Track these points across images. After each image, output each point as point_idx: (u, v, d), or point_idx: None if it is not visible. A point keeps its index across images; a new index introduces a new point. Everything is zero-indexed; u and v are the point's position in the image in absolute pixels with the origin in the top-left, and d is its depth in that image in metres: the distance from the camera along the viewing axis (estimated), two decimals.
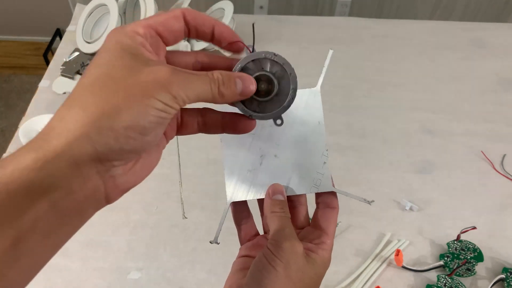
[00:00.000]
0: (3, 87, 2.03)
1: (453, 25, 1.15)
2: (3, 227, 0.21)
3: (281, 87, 0.32)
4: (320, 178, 0.37)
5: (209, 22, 0.30)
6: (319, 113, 0.38)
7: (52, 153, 0.23)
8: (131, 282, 0.64)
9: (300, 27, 1.12)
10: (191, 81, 0.26)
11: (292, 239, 0.33)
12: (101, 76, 0.25)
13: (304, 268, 0.32)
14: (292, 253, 0.32)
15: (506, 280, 0.64)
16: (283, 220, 0.34)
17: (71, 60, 0.97)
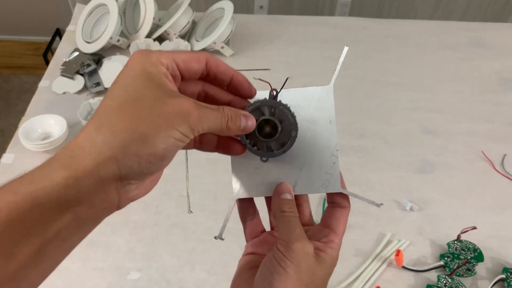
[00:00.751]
0: (3, 87, 2.03)
1: (453, 25, 1.15)
2: (31, 236, 0.23)
3: (281, 135, 0.34)
4: (329, 179, 0.36)
5: (229, 72, 0.32)
6: (331, 112, 0.37)
7: (82, 172, 0.25)
8: (131, 282, 0.64)
9: (300, 27, 1.12)
10: (207, 116, 0.29)
11: (303, 239, 0.33)
12: (129, 101, 0.27)
13: (314, 269, 0.32)
14: (303, 254, 0.32)
15: (506, 280, 0.64)
16: (292, 220, 0.34)
17: (71, 60, 0.97)
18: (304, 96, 0.37)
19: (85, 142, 0.26)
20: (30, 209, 0.23)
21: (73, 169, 0.25)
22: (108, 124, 0.26)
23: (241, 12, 1.47)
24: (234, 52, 1.03)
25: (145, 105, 0.27)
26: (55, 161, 0.25)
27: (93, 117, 0.27)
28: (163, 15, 1.08)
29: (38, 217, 0.24)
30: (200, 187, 0.76)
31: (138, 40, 0.99)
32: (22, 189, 0.24)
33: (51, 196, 0.24)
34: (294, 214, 0.34)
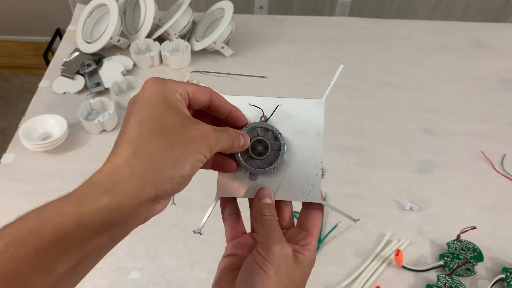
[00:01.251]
0: (3, 87, 2.03)
1: (453, 25, 1.15)
2: (71, 253, 0.26)
3: (271, 154, 0.37)
4: (310, 189, 0.38)
5: (228, 106, 0.36)
6: (320, 125, 0.38)
7: (124, 197, 0.27)
8: (131, 282, 0.64)
9: (300, 27, 1.12)
10: (221, 138, 0.33)
11: (282, 242, 0.34)
12: (158, 129, 0.30)
13: (293, 270, 0.34)
14: (282, 256, 0.33)
15: (506, 280, 0.65)
16: (272, 223, 0.35)
17: (71, 60, 0.97)
18: (296, 106, 0.38)
19: (123, 168, 0.28)
20: (75, 229, 0.26)
21: (116, 194, 0.27)
22: (144, 150, 0.29)
23: (241, 12, 1.47)
24: (234, 52, 1.03)
25: (172, 131, 0.30)
26: (96, 185, 0.28)
27: (124, 141, 0.29)
28: (163, 15, 1.08)
29: (81, 237, 0.26)
30: (200, 187, 0.76)
31: (138, 40, 0.99)
32: (69, 210, 0.26)
33: (95, 219, 0.26)
34: (273, 218, 0.36)
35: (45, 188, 0.75)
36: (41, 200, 0.76)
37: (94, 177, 0.28)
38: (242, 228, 0.40)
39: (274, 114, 0.38)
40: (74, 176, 0.77)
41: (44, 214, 0.26)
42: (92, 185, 0.28)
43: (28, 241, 0.25)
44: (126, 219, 0.28)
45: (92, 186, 0.28)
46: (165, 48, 0.99)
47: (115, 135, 0.94)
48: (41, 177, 0.77)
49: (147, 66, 0.99)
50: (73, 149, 0.82)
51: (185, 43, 0.99)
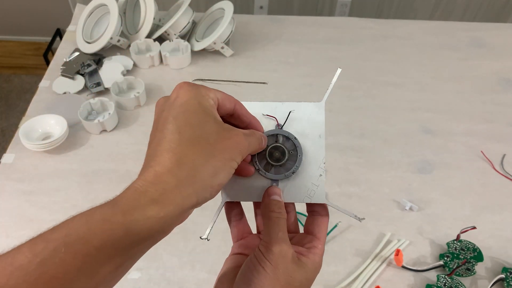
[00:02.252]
0: (3, 87, 2.03)
1: (453, 25, 1.15)
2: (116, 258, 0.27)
3: (287, 163, 0.38)
4: (314, 190, 0.38)
5: (248, 115, 0.37)
6: (321, 127, 0.39)
7: (170, 206, 0.28)
8: (131, 282, 0.64)
9: (300, 27, 1.12)
10: (251, 142, 0.34)
11: (282, 243, 0.34)
12: (198, 138, 0.30)
13: (293, 272, 0.33)
14: (282, 257, 0.33)
15: (505, 280, 0.65)
16: (279, 221, 0.35)
17: (71, 60, 0.97)
18: (297, 110, 0.39)
19: (168, 177, 0.29)
20: (123, 236, 0.26)
21: (163, 203, 0.28)
22: (187, 160, 0.29)
23: (241, 12, 1.48)
24: (234, 52, 1.03)
25: (211, 140, 0.31)
26: (143, 194, 0.28)
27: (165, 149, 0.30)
28: (163, 15, 1.08)
29: (127, 244, 0.27)
30: None
31: (138, 41, 0.99)
32: (117, 219, 0.27)
33: (143, 227, 0.27)
34: (281, 215, 0.36)
35: (45, 188, 0.75)
36: (41, 200, 0.76)
37: (139, 185, 0.29)
38: (248, 228, 0.41)
39: (278, 119, 0.39)
40: (74, 176, 0.77)
41: (92, 220, 0.26)
42: (139, 193, 0.28)
43: (76, 247, 0.25)
44: (170, 226, 0.29)
45: (139, 195, 0.28)
46: (165, 48, 0.99)
47: (115, 135, 0.94)
48: (41, 177, 0.77)
49: (147, 66, 0.99)
50: (73, 149, 0.82)
51: (185, 43, 1.00)
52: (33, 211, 0.72)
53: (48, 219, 0.70)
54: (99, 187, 0.76)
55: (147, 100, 0.91)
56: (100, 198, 0.77)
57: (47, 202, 0.73)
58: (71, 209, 0.72)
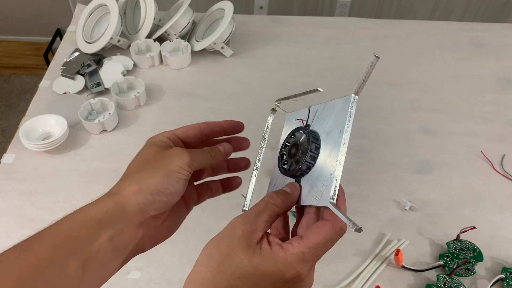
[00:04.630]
0: (3, 87, 2.03)
1: (452, 25, 1.15)
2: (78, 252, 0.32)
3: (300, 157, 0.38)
4: (322, 191, 0.33)
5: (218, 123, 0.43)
6: (342, 121, 0.36)
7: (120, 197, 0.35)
8: (131, 282, 0.64)
9: (300, 27, 1.12)
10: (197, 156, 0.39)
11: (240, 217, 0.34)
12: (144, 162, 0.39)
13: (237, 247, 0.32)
14: (230, 227, 0.34)
15: (505, 280, 0.65)
16: (261, 203, 0.36)
17: (72, 60, 0.97)
18: (330, 109, 0.38)
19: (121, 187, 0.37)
20: (79, 228, 0.33)
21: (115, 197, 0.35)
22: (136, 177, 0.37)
23: (241, 12, 1.48)
24: (234, 53, 1.03)
25: (151, 159, 0.38)
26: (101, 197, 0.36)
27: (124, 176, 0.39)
28: (163, 15, 1.08)
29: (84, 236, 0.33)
30: None
31: (138, 41, 0.99)
32: (77, 214, 0.34)
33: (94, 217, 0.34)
34: (270, 199, 0.35)
35: (45, 188, 0.75)
36: (41, 200, 0.76)
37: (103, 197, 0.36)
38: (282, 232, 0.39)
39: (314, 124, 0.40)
40: (74, 176, 0.77)
41: (61, 220, 0.34)
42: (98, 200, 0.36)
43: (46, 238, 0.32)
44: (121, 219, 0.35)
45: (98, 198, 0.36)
46: (165, 48, 0.99)
47: (115, 135, 0.94)
48: (41, 177, 0.77)
49: (147, 66, 0.99)
50: (73, 149, 0.82)
51: (185, 43, 1.00)
52: (33, 211, 0.72)
53: (48, 219, 0.70)
54: (99, 187, 0.76)
55: (147, 100, 0.92)
56: None
57: (47, 202, 0.73)
58: (71, 209, 0.72)
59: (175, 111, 0.90)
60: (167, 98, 0.93)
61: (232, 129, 0.44)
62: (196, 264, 0.34)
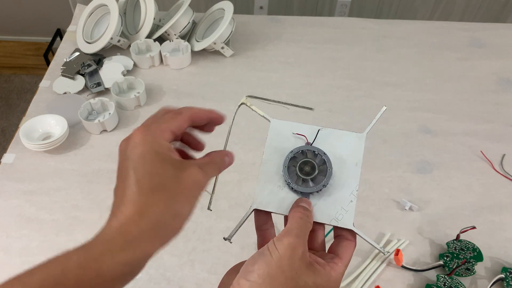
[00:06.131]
0: (3, 87, 2.03)
1: (452, 25, 1.15)
2: None
3: (317, 177, 0.39)
4: (343, 214, 0.39)
5: (203, 113, 0.39)
6: (359, 156, 0.41)
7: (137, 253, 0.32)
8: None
9: (300, 27, 1.13)
10: (209, 172, 0.36)
11: (296, 238, 0.34)
12: (157, 187, 0.32)
13: (300, 270, 0.33)
14: (291, 249, 0.33)
15: (505, 279, 0.65)
16: (300, 220, 0.36)
17: (72, 60, 0.97)
18: (337, 137, 0.41)
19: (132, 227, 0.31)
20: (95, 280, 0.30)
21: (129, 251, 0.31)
22: (147, 210, 0.32)
23: (241, 12, 1.48)
24: (234, 52, 1.03)
25: (169, 186, 0.33)
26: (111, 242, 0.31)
27: (127, 200, 0.32)
28: (163, 15, 1.08)
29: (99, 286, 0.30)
30: None
31: (138, 41, 0.99)
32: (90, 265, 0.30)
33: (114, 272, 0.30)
34: (305, 216, 0.36)
35: (45, 188, 0.75)
36: (41, 200, 0.76)
37: (107, 233, 0.31)
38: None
39: (317, 142, 0.41)
40: (74, 176, 0.77)
41: (68, 266, 0.29)
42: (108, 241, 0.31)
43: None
44: (138, 269, 0.33)
45: (108, 243, 0.31)
46: (165, 48, 0.99)
47: (116, 135, 0.94)
48: (42, 177, 0.77)
49: (147, 66, 0.99)
50: (73, 149, 0.82)
51: (185, 43, 1.00)
52: (33, 211, 0.72)
53: (48, 219, 0.71)
54: (99, 187, 0.76)
55: (147, 100, 0.92)
56: (100, 198, 0.77)
57: (47, 202, 0.73)
58: (71, 209, 0.72)
59: None
60: (167, 98, 0.93)
61: (214, 121, 0.40)
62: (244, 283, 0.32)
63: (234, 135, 0.82)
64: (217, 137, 0.41)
